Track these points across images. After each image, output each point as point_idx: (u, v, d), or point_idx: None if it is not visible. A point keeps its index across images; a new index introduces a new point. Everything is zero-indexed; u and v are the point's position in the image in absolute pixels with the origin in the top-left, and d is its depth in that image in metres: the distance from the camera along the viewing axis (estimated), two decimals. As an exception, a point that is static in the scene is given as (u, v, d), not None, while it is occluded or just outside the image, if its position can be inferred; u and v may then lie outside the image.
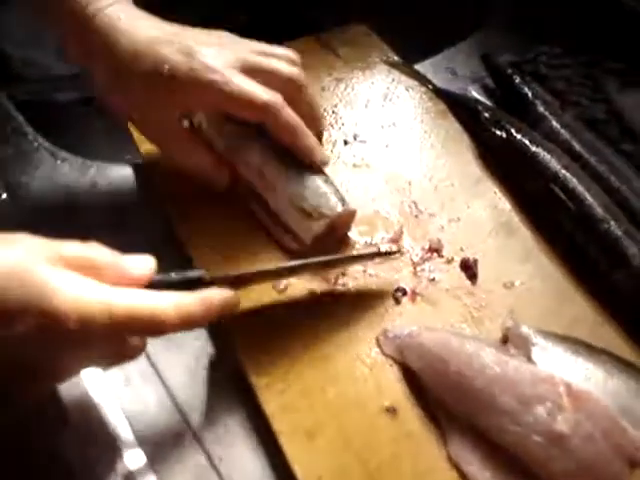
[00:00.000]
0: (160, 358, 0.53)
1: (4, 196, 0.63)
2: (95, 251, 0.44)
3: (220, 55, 0.56)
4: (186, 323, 0.43)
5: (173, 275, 0.46)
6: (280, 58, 0.60)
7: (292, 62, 0.60)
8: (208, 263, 0.55)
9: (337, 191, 0.57)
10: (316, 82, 0.74)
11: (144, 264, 0.45)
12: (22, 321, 0.38)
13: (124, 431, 0.49)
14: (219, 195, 0.60)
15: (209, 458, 0.48)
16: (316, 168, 0.58)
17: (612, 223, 0.55)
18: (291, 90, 0.58)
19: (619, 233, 0.54)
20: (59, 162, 0.67)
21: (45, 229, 0.60)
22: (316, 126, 0.61)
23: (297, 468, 0.45)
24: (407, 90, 0.73)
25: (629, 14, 0.77)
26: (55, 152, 0.68)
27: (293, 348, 0.51)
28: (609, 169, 0.60)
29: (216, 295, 0.46)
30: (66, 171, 0.66)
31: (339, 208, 0.56)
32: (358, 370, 0.50)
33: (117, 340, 0.43)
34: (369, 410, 0.48)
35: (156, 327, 0.42)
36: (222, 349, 0.53)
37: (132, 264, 0.45)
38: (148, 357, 0.53)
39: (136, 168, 0.67)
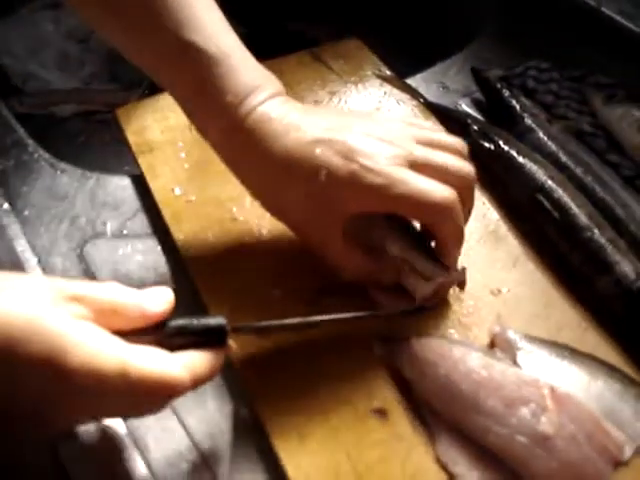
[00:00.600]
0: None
1: (5, 206, 0.65)
2: (114, 292, 0.43)
3: (383, 152, 0.50)
4: (197, 385, 0.43)
5: (194, 322, 0.45)
6: (448, 149, 0.53)
7: (461, 154, 0.54)
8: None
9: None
10: (310, 95, 0.75)
11: (162, 299, 0.44)
12: (34, 375, 0.37)
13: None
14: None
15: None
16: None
17: (596, 231, 0.56)
18: (461, 187, 0.52)
19: (602, 241, 0.56)
20: (59, 173, 0.69)
21: (45, 239, 0.63)
22: (468, 218, 0.55)
23: (288, 468, 0.46)
24: (398, 103, 0.75)
25: (615, 30, 0.79)
26: (55, 163, 0.70)
27: (285, 343, 0.53)
28: (594, 179, 0.62)
29: (218, 356, 0.45)
30: (65, 182, 0.68)
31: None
32: (349, 372, 0.52)
33: (132, 397, 0.41)
34: (359, 412, 0.49)
35: (169, 391, 0.41)
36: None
37: (151, 302, 0.43)
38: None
39: (134, 179, 0.68)
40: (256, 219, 0.62)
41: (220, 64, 0.52)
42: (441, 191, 0.50)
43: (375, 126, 0.53)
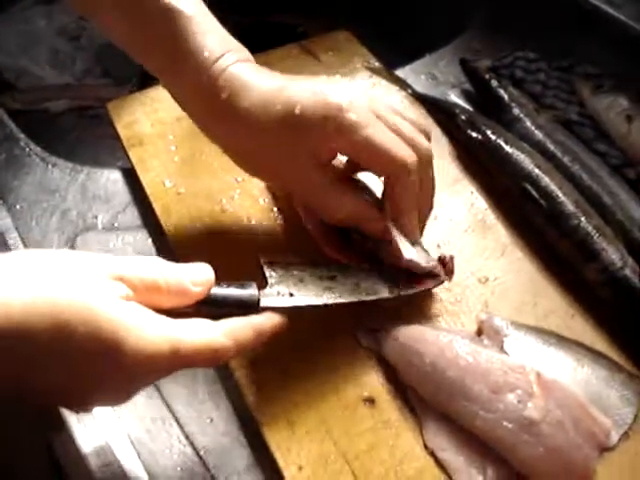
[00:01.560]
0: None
1: (-4, 200, 0.65)
2: (157, 269, 0.43)
3: (355, 100, 0.51)
4: (241, 352, 0.45)
5: (230, 293, 0.47)
6: (414, 124, 0.54)
7: (426, 134, 0.55)
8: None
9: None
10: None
11: (204, 276, 0.45)
12: (86, 358, 0.38)
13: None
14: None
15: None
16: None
17: (583, 219, 0.57)
18: (420, 159, 0.52)
19: (589, 229, 0.56)
20: (50, 167, 0.69)
21: (35, 232, 0.63)
22: (429, 205, 0.56)
23: (278, 457, 0.47)
24: (387, 94, 0.75)
25: (603, 20, 0.79)
26: (46, 157, 0.70)
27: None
28: (581, 168, 0.62)
29: (268, 321, 0.47)
30: (57, 176, 0.68)
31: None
32: (337, 361, 0.52)
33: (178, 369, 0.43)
34: (348, 400, 0.50)
35: (216, 359, 0.44)
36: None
37: (193, 278, 0.44)
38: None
39: (125, 172, 0.69)
40: (245, 210, 0.62)
41: (195, 24, 0.54)
42: (404, 149, 0.51)
43: (347, 84, 0.56)
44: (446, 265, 0.55)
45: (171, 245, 0.60)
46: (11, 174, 0.68)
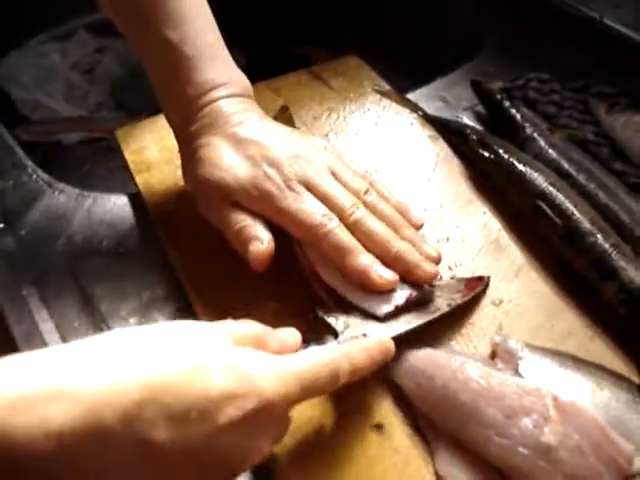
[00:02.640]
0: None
1: (1, 225, 0.65)
2: (254, 327, 0.44)
3: (287, 167, 0.55)
4: (355, 376, 0.45)
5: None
6: (354, 174, 0.58)
7: (362, 176, 0.59)
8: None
9: None
10: (308, 112, 0.75)
11: (294, 336, 0.46)
12: (230, 408, 0.36)
13: None
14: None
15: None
16: None
17: (599, 237, 0.55)
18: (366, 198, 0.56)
19: (607, 246, 0.54)
20: (56, 193, 0.68)
21: (41, 259, 0.62)
22: (411, 219, 0.58)
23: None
24: (397, 117, 0.74)
25: (616, 41, 0.78)
26: (53, 183, 0.69)
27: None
28: (597, 186, 0.60)
29: (378, 345, 0.47)
30: (63, 201, 0.68)
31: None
32: (345, 387, 0.50)
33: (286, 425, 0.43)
34: (357, 427, 0.48)
35: (334, 382, 0.43)
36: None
37: (286, 336, 0.45)
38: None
39: (132, 198, 0.68)
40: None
41: (189, 60, 0.58)
42: (319, 214, 0.53)
43: (298, 146, 0.58)
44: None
45: (177, 270, 0.59)
46: (18, 200, 0.68)
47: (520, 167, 0.61)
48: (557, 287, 0.56)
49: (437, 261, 0.55)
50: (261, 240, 0.53)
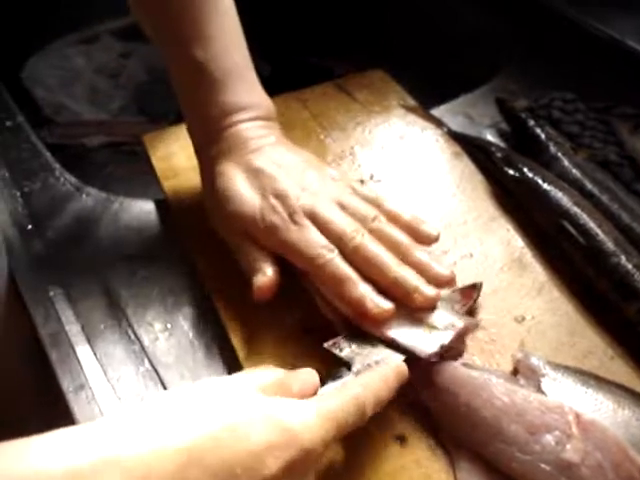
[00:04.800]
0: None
1: (29, 227, 0.66)
2: (276, 372, 0.45)
3: (293, 199, 0.56)
4: (379, 407, 0.45)
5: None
6: (362, 201, 0.58)
7: (371, 200, 0.59)
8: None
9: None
10: (334, 125, 0.76)
11: (313, 376, 0.46)
12: (272, 460, 0.37)
13: None
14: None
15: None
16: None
17: (623, 257, 0.55)
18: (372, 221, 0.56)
19: (630, 267, 0.55)
20: (84, 197, 0.69)
21: (68, 261, 0.63)
22: (424, 232, 0.57)
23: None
24: (423, 132, 0.75)
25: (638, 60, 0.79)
26: (80, 187, 0.70)
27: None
28: (621, 207, 0.61)
29: (394, 371, 0.48)
30: (90, 205, 0.68)
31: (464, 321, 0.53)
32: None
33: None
34: (379, 438, 0.48)
35: (362, 417, 0.43)
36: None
37: (305, 377, 0.45)
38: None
39: (158, 204, 0.69)
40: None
41: (215, 81, 0.59)
42: (317, 245, 0.54)
43: (307, 176, 0.58)
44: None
45: (203, 277, 0.60)
46: (45, 202, 0.69)
47: (545, 186, 0.62)
48: (579, 306, 0.57)
49: (450, 282, 0.55)
50: (264, 273, 0.54)
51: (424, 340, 0.51)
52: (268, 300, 0.54)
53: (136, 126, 1.04)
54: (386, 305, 0.51)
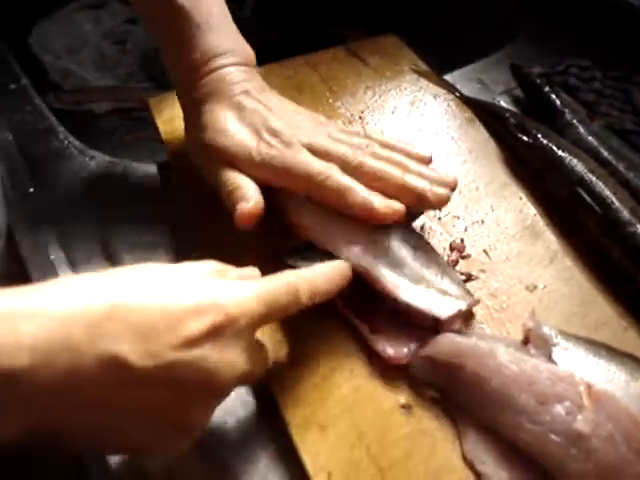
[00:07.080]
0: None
1: (31, 190, 0.65)
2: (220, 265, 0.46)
3: (288, 134, 0.56)
4: (316, 297, 0.47)
5: None
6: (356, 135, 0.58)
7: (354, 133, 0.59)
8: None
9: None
10: (344, 89, 0.74)
11: (253, 270, 0.47)
12: (193, 322, 0.38)
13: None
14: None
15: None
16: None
17: (638, 226, 0.54)
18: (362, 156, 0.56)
19: (645, 236, 0.53)
20: (87, 159, 0.68)
21: (70, 225, 0.62)
22: (418, 154, 0.57)
23: (307, 461, 0.44)
24: (434, 98, 0.73)
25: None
26: (84, 150, 0.70)
27: (307, 344, 0.51)
28: (637, 175, 0.59)
29: (334, 267, 0.50)
30: (93, 168, 0.67)
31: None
32: (374, 367, 0.50)
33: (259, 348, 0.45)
34: (384, 406, 0.47)
35: (296, 301, 0.45)
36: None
37: (247, 270, 0.47)
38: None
39: (161, 167, 0.68)
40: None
41: (198, 28, 0.60)
42: (317, 163, 0.54)
43: (299, 118, 0.60)
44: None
45: (203, 238, 0.59)
46: (49, 165, 0.68)
47: (559, 152, 0.60)
48: (592, 275, 0.55)
49: (452, 186, 0.55)
50: (248, 200, 0.54)
51: (440, 303, 0.50)
52: (250, 228, 0.54)
53: (144, 92, 1.02)
54: (396, 205, 0.52)
